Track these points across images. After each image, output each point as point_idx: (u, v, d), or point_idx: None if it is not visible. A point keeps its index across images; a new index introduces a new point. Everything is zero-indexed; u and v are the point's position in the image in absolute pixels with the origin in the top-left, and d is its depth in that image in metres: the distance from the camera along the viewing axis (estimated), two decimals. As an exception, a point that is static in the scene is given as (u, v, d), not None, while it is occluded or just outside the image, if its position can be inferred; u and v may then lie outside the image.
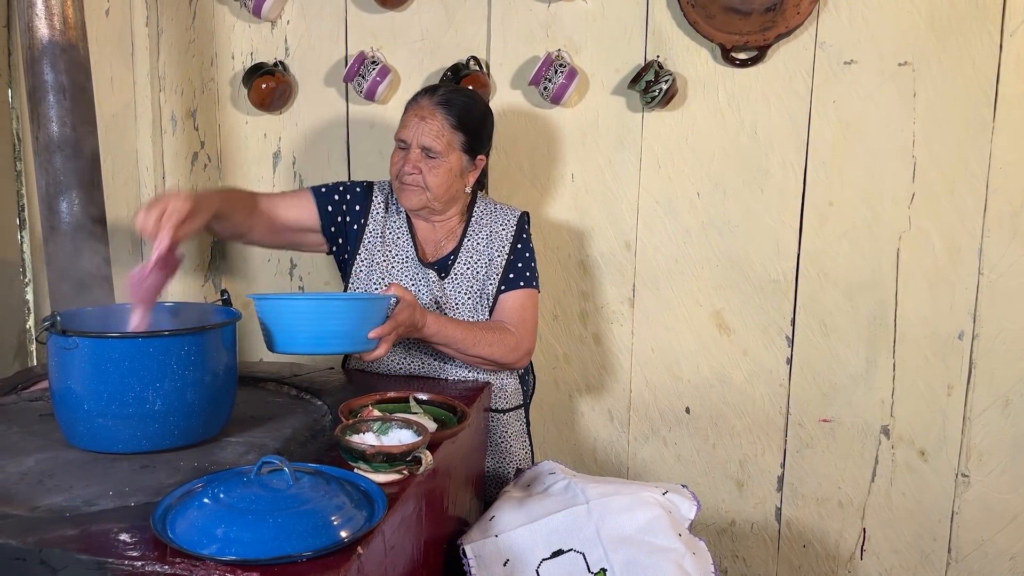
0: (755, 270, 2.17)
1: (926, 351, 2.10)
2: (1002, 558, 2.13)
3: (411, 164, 1.79)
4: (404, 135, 1.81)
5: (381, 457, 1.26)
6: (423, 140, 1.78)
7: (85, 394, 1.35)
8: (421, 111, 1.80)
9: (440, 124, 1.79)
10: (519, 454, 1.97)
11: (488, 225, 1.91)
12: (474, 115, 1.84)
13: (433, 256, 1.90)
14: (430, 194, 1.81)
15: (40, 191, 1.85)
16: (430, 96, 1.81)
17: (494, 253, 1.88)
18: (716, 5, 2.05)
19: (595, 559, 1.44)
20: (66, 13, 1.79)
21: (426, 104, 1.80)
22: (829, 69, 2.06)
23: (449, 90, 1.84)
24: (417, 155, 1.79)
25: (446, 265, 1.88)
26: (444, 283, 1.86)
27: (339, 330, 1.54)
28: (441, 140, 1.79)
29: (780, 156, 2.11)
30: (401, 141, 1.82)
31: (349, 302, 1.64)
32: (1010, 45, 1.95)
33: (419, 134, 1.78)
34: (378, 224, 1.91)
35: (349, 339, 1.56)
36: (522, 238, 1.91)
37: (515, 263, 1.89)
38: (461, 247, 1.89)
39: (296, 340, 1.54)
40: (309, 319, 1.54)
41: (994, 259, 2.02)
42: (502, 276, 1.87)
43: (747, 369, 2.22)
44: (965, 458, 2.11)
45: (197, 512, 1.10)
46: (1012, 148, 1.98)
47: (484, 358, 1.79)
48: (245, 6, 2.34)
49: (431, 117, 1.79)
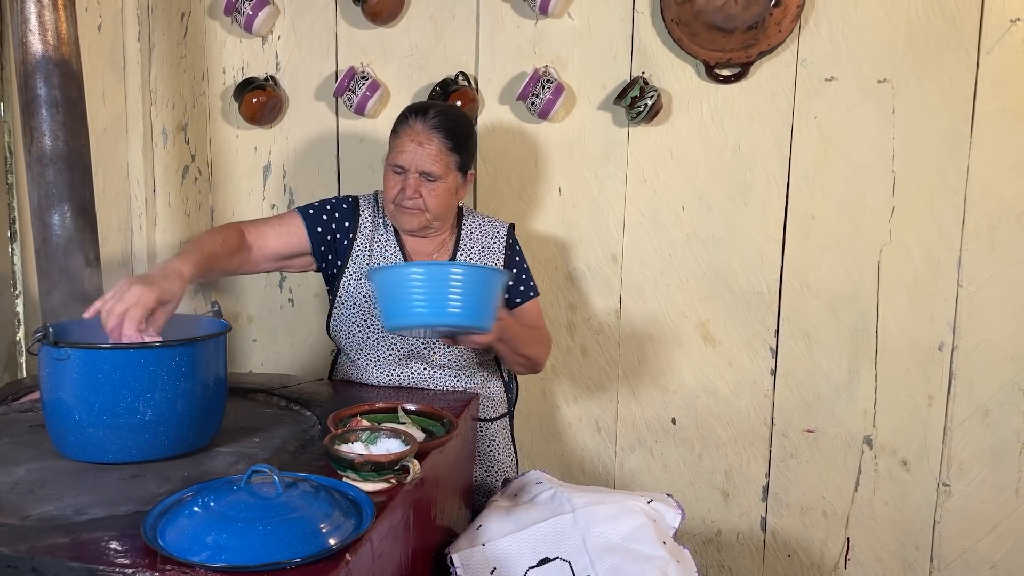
0: (739, 282, 2.20)
1: (907, 362, 2.13)
2: (983, 566, 2.16)
3: (412, 189, 1.78)
4: (401, 160, 1.79)
5: (369, 466, 1.27)
6: (422, 165, 1.78)
7: (76, 404, 1.36)
8: (417, 136, 1.78)
9: (437, 148, 1.79)
10: (506, 462, 1.99)
11: (479, 239, 1.93)
12: (464, 133, 1.85)
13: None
14: (430, 215, 1.82)
15: (32, 204, 1.86)
16: (423, 119, 1.80)
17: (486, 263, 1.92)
18: (700, 23, 2.09)
19: (581, 567, 1.46)
20: (60, 29, 1.81)
21: (420, 128, 1.79)
22: (810, 86, 2.10)
23: (438, 111, 1.82)
24: (416, 180, 1.79)
25: None
26: None
27: (461, 300, 1.48)
28: (439, 163, 1.79)
29: (763, 170, 2.15)
30: (398, 167, 1.80)
31: (475, 269, 1.58)
32: (987, 63, 2.00)
33: (417, 160, 1.78)
34: (366, 238, 1.91)
35: (469, 312, 1.49)
36: (515, 249, 1.95)
37: (518, 276, 1.93)
38: (455, 259, 1.91)
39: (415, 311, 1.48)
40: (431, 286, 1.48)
41: (972, 271, 2.06)
42: (513, 289, 1.91)
43: (732, 380, 2.25)
44: (946, 467, 2.14)
45: (187, 520, 1.12)
46: (989, 163, 2.02)
47: (529, 357, 1.84)
48: (236, 21, 2.37)
49: (428, 142, 1.78)
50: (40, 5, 1.79)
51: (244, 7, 2.32)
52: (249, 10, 2.32)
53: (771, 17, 2.04)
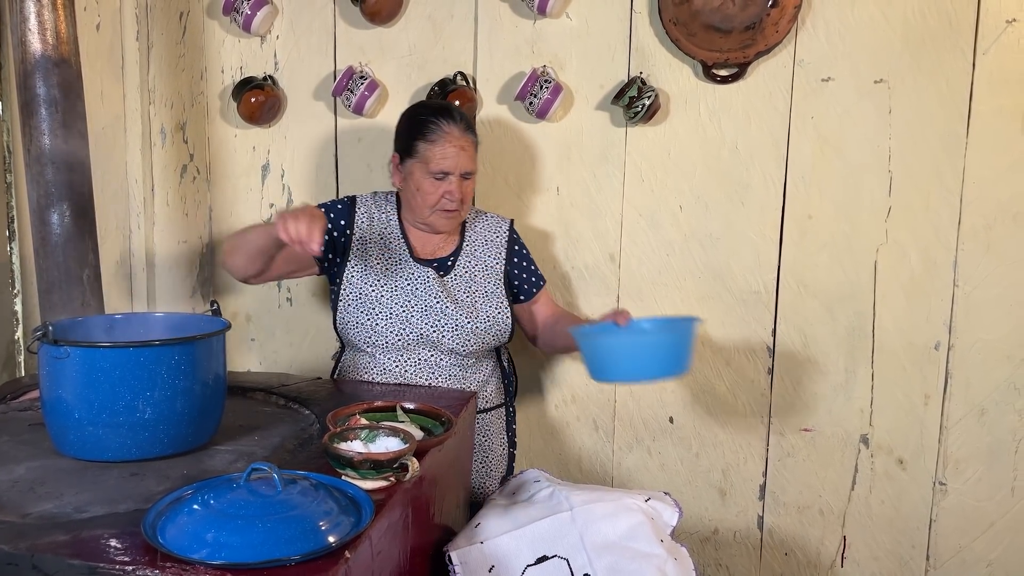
0: (736, 282, 2.21)
1: (904, 361, 2.14)
2: (979, 565, 2.16)
3: (458, 191, 1.88)
4: (446, 166, 1.87)
5: (368, 464, 1.28)
6: (465, 167, 1.89)
7: (76, 403, 1.37)
8: (457, 140, 1.88)
9: (473, 147, 1.92)
10: (497, 452, 2.02)
11: (483, 233, 2.04)
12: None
13: (430, 255, 1.99)
14: (464, 209, 1.94)
15: (31, 203, 1.87)
16: (455, 122, 1.89)
17: (491, 260, 2.01)
18: (697, 23, 2.10)
19: (579, 565, 1.47)
20: (59, 28, 1.81)
21: (458, 133, 1.88)
22: (807, 86, 2.11)
23: (459, 112, 1.94)
24: (459, 181, 1.89)
25: (446, 264, 1.98)
26: (445, 280, 1.96)
27: (664, 358, 1.66)
28: (474, 161, 1.93)
29: (760, 170, 2.16)
30: (442, 172, 1.87)
31: (673, 334, 1.73)
32: (983, 63, 2.01)
33: (461, 163, 1.88)
34: (364, 232, 1.98)
35: (670, 364, 1.67)
36: (519, 242, 2.07)
37: (527, 267, 2.06)
38: (461, 251, 2.00)
39: (622, 369, 1.70)
40: (638, 351, 1.69)
41: (968, 271, 2.07)
42: (525, 280, 2.04)
43: (729, 379, 2.25)
44: (942, 466, 2.15)
45: (187, 517, 1.12)
46: (985, 163, 2.03)
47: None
48: (235, 21, 2.37)
49: (468, 144, 1.90)
50: (39, 4, 1.79)
51: (243, 7, 2.32)
52: (247, 9, 2.32)
53: (768, 18, 2.05)
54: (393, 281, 1.94)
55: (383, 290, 1.92)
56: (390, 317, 1.91)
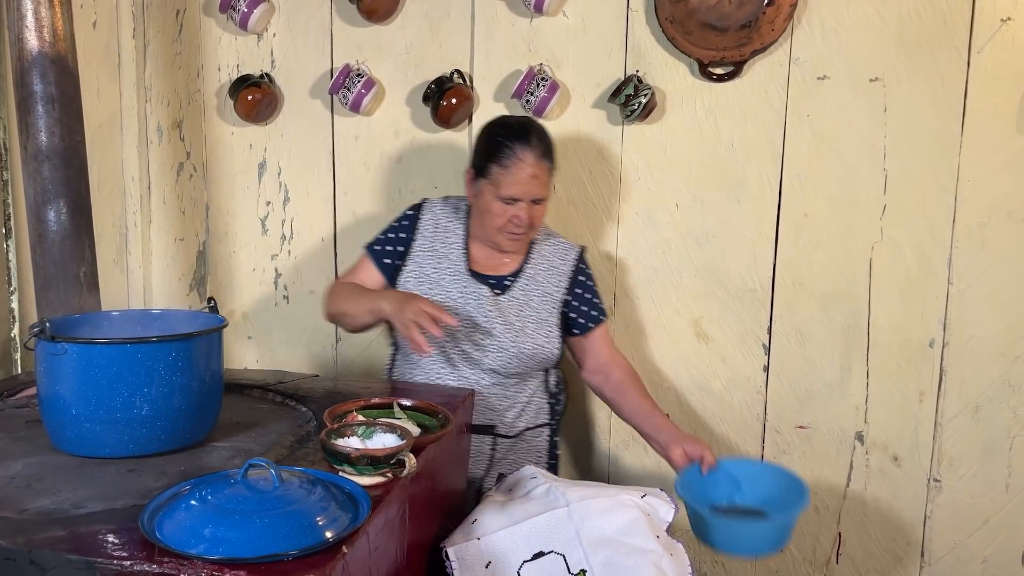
0: (732, 280, 2.22)
1: (898, 358, 2.15)
2: (974, 561, 2.17)
3: (527, 217, 1.86)
4: (516, 193, 1.84)
5: (365, 460, 1.28)
6: (536, 194, 1.86)
7: (73, 399, 1.37)
8: (530, 168, 1.83)
9: (547, 175, 1.88)
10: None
11: (549, 257, 1.99)
12: (554, 147, 1.92)
13: (490, 271, 1.96)
14: (532, 232, 1.91)
15: (28, 200, 1.87)
16: (530, 149, 1.84)
17: (551, 287, 1.97)
18: (693, 21, 2.10)
19: (575, 560, 1.47)
20: (56, 25, 1.81)
21: (532, 160, 1.84)
22: (803, 84, 2.11)
23: (537, 134, 1.87)
24: (528, 207, 1.86)
25: (503, 283, 1.94)
26: (499, 300, 1.92)
27: (777, 539, 1.76)
28: (547, 187, 1.89)
29: (756, 168, 2.17)
30: (511, 199, 1.85)
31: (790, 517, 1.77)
32: (977, 62, 2.02)
33: (531, 191, 1.84)
34: (427, 239, 1.97)
35: (781, 543, 1.77)
36: (585, 273, 2.02)
37: (588, 300, 2.00)
38: (522, 272, 1.96)
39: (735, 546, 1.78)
40: (754, 534, 1.77)
41: (963, 269, 2.08)
42: (584, 313, 1.99)
43: (725, 377, 2.26)
44: (937, 463, 2.16)
45: (185, 513, 1.13)
46: (979, 161, 2.04)
47: None
48: (231, 19, 2.37)
49: (541, 172, 1.85)
50: (36, 2, 1.80)
51: (239, 4, 2.32)
52: (244, 7, 2.32)
53: (764, 16, 2.06)
54: (445, 292, 1.91)
55: (434, 299, 1.88)
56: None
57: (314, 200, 2.47)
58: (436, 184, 2.37)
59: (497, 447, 1.96)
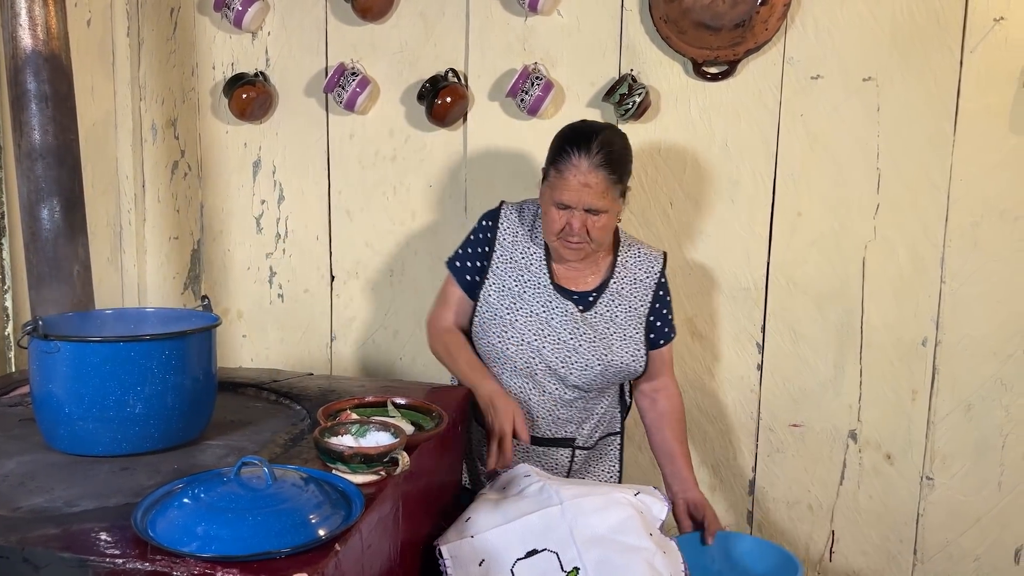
0: (726, 278, 2.22)
1: (892, 357, 2.16)
2: (966, 559, 2.18)
3: (580, 225, 1.75)
4: (566, 199, 1.74)
5: (359, 458, 1.29)
6: (588, 203, 1.73)
7: (66, 398, 1.37)
8: (582, 175, 1.72)
9: (605, 186, 1.73)
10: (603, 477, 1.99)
11: (634, 270, 1.90)
12: (625, 159, 1.79)
13: (573, 286, 1.88)
14: (594, 244, 1.79)
15: (22, 198, 1.87)
16: (587, 156, 1.72)
17: (636, 301, 1.88)
18: (687, 21, 2.11)
19: (568, 558, 1.47)
20: (50, 23, 1.81)
21: (587, 167, 1.72)
22: (797, 83, 2.12)
23: (600, 143, 1.73)
24: (582, 216, 1.75)
25: (588, 299, 1.86)
26: (586, 316, 1.85)
27: None
28: (606, 199, 1.74)
29: (750, 167, 2.17)
30: (562, 204, 1.75)
31: None
32: (970, 61, 2.02)
33: (584, 199, 1.73)
34: (507, 250, 1.89)
35: None
36: (665, 287, 1.92)
37: (664, 314, 1.91)
38: (607, 287, 1.87)
39: None
40: None
41: (955, 268, 2.09)
42: (658, 329, 1.91)
43: (719, 375, 2.27)
44: (930, 461, 2.17)
45: (177, 511, 1.13)
46: (972, 161, 2.05)
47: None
48: (226, 17, 2.37)
49: (595, 181, 1.72)
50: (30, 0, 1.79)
51: (234, 3, 2.32)
52: (239, 6, 2.32)
53: (758, 15, 2.06)
54: (530, 307, 1.85)
55: (518, 315, 1.84)
56: (521, 344, 1.83)
57: (309, 199, 2.47)
58: (431, 183, 2.38)
59: (575, 458, 1.94)
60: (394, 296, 2.46)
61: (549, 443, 1.91)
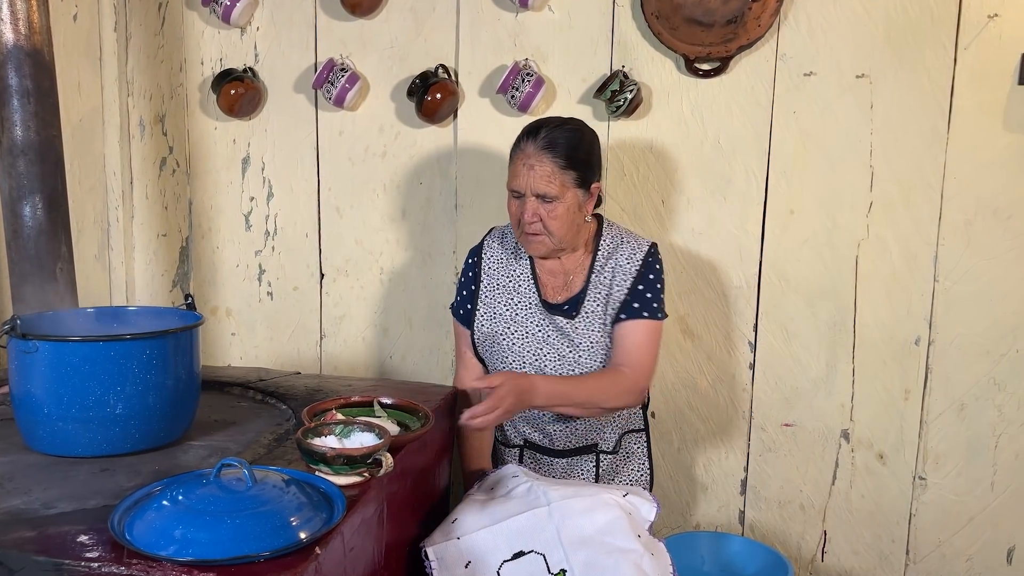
0: (718, 277, 2.21)
1: (884, 356, 2.14)
2: (959, 559, 2.17)
3: (530, 212, 1.76)
4: (516, 185, 1.78)
5: (341, 460, 1.27)
6: (536, 188, 1.75)
7: (45, 398, 1.35)
8: (528, 159, 1.76)
9: (550, 169, 1.75)
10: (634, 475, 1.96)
11: (614, 258, 1.87)
12: (582, 148, 1.80)
13: (561, 295, 1.88)
14: (554, 238, 1.79)
15: (3, 195, 1.84)
16: (533, 140, 1.77)
17: (619, 292, 1.84)
18: (680, 17, 2.09)
19: (555, 560, 1.46)
20: (31, 18, 1.78)
21: (531, 151, 1.76)
22: (789, 80, 2.10)
23: (551, 129, 1.78)
24: (534, 203, 1.76)
25: (576, 304, 1.85)
26: (575, 323, 1.84)
27: None
28: (554, 184, 1.75)
29: (742, 165, 2.15)
30: (514, 191, 1.79)
31: None
32: (964, 58, 2.01)
33: (531, 183, 1.75)
34: (492, 277, 1.92)
35: None
36: (654, 268, 1.86)
37: (642, 292, 1.84)
38: (589, 283, 1.86)
39: None
40: None
41: (949, 266, 2.07)
42: (623, 304, 1.83)
43: (711, 374, 2.25)
44: (922, 461, 2.16)
45: (155, 514, 1.11)
46: (966, 158, 2.03)
47: (602, 408, 1.79)
48: (214, 12, 2.34)
49: (539, 164, 1.75)
50: (11, -6, 1.77)
51: (222, -3, 2.30)
52: (227, 0, 2.30)
53: (750, 12, 2.04)
54: (524, 328, 1.86)
55: (514, 337, 1.85)
56: (523, 365, 1.84)
57: (298, 195, 2.45)
58: (421, 180, 2.36)
59: (601, 463, 1.92)
60: (384, 294, 2.44)
61: (572, 453, 1.91)
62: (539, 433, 1.92)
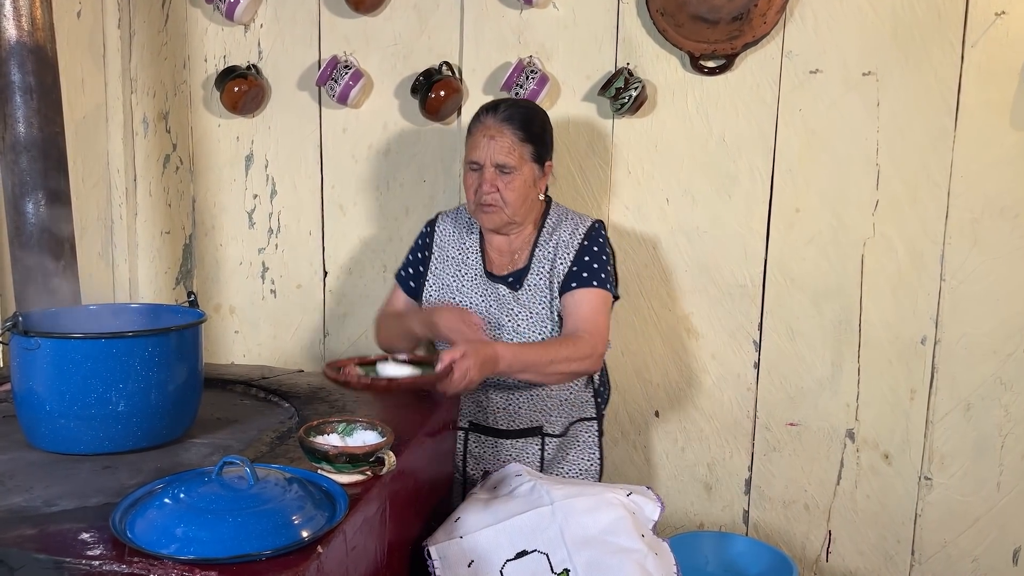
0: (723, 275, 2.20)
1: (890, 356, 2.13)
2: (964, 560, 2.16)
3: (488, 183, 1.82)
4: (476, 156, 1.84)
5: (344, 458, 1.26)
6: (496, 158, 1.81)
7: (47, 395, 1.34)
8: (488, 130, 1.83)
9: (510, 140, 1.82)
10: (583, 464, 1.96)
11: (556, 233, 1.91)
12: (536, 124, 1.87)
13: (507, 268, 1.92)
14: (509, 210, 1.85)
15: (6, 192, 1.84)
16: (493, 114, 1.84)
17: (561, 267, 1.86)
18: (684, 14, 2.08)
19: (559, 559, 1.45)
20: (34, 14, 1.78)
21: (492, 123, 1.83)
22: (795, 78, 2.09)
23: (509, 105, 1.87)
24: (492, 173, 1.82)
25: (520, 277, 1.89)
26: (518, 295, 1.88)
27: None
28: (513, 155, 1.82)
29: (748, 163, 2.14)
30: (473, 163, 1.85)
31: None
32: (971, 56, 1.99)
33: (491, 153, 1.82)
34: (443, 249, 1.98)
35: None
36: (597, 241, 1.88)
37: (587, 263, 1.85)
38: (533, 258, 1.90)
39: None
40: None
41: (955, 265, 2.06)
42: (569, 274, 1.85)
43: (715, 373, 2.24)
44: (928, 461, 2.14)
45: (157, 512, 1.10)
46: (973, 157, 2.02)
47: (563, 373, 1.78)
48: (218, 9, 2.34)
49: (500, 135, 1.82)
50: (14, -10, 1.76)
51: (225, -6, 2.29)
52: (231, -3, 2.29)
53: (756, 8, 2.03)
54: (468, 298, 1.91)
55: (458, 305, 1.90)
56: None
57: (301, 193, 2.44)
58: (425, 177, 2.35)
59: (546, 447, 1.93)
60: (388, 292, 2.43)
61: (517, 435, 1.92)
62: (481, 412, 1.93)
